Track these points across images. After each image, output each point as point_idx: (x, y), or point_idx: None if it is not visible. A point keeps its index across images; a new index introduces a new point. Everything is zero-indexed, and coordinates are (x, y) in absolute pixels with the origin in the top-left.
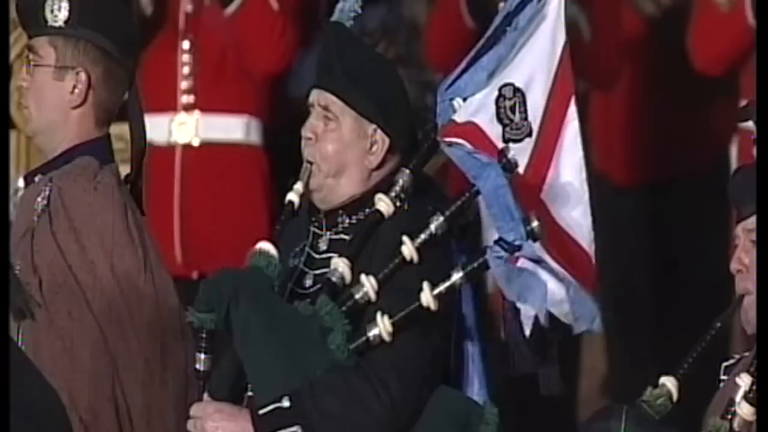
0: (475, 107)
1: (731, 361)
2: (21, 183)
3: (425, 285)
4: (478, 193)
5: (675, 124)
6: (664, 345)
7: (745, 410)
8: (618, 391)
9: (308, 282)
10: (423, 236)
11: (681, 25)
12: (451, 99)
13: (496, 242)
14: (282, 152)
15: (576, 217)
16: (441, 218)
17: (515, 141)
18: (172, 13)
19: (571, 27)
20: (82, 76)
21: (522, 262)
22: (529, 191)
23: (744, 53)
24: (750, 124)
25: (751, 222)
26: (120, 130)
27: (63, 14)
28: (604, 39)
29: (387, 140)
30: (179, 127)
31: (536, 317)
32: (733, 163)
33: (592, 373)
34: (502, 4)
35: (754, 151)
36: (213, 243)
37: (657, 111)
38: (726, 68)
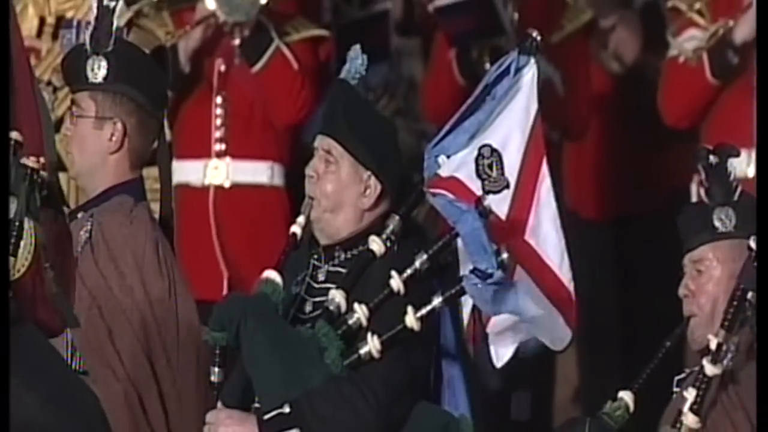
0: (456, 164)
1: (682, 375)
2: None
3: (409, 309)
4: (457, 235)
5: (638, 167)
6: (628, 361)
7: (690, 420)
8: (588, 401)
9: (308, 308)
10: (409, 271)
11: (642, 80)
12: (437, 156)
13: (471, 271)
14: (301, 193)
15: (556, 260)
16: (425, 256)
17: (494, 192)
18: (207, 72)
19: (546, 84)
20: (119, 125)
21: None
22: (514, 233)
23: (707, 106)
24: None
25: (697, 253)
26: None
27: (102, 72)
28: (576, 94)
29: (379, 186)
30: (213, 171)
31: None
32: (692, 201)
33: (565, 383)
34: (487, 65)
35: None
36: (246, 272)
37: (622, 155)
38: (693, 121)
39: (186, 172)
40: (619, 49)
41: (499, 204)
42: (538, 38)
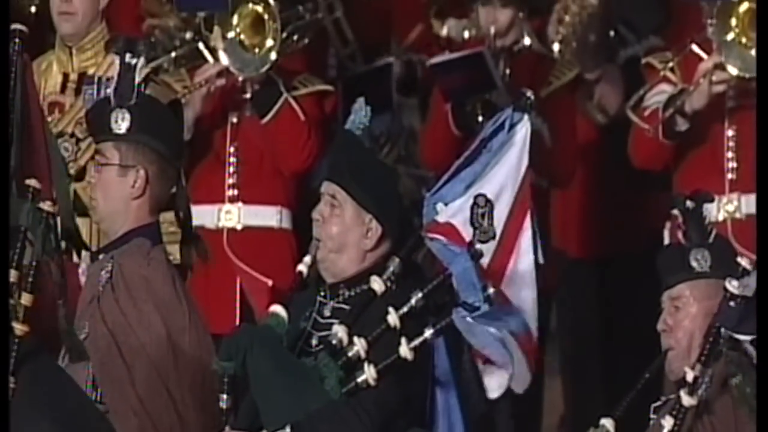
0: (453, 211)
1: (659, 403)
2: (88, 260)
3: (403, 340)
4: (450, 275)
5: (620, 210)
6: (610, 390)
7: None
8: (572, 427)
9: (314, 342)
10: (405, 308)
11: (624, 130)
12: (435, 204)
13: (459, 304)
14: (307, 235)
15: (528, 309)
16: (420, 294)
17: (482, 242)
18: (220, 123)
19: (535, 134)
20: (142, 173)
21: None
22: (495, 277)
23: (666, 160)
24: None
25: (675, 291)
26: (173, 216)
27: (125, 124)
28: (563, 144)
29: (380, 228)
30: (226, 215)
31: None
32: (666, 242)
33: (552, 410)
34: (480, 118)
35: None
36: (258, 307)
37: (605, 199)
38: (658, 165)
39: (201, 215)
40: (603, 101)
41: (485, 254)
42: (532, 97)
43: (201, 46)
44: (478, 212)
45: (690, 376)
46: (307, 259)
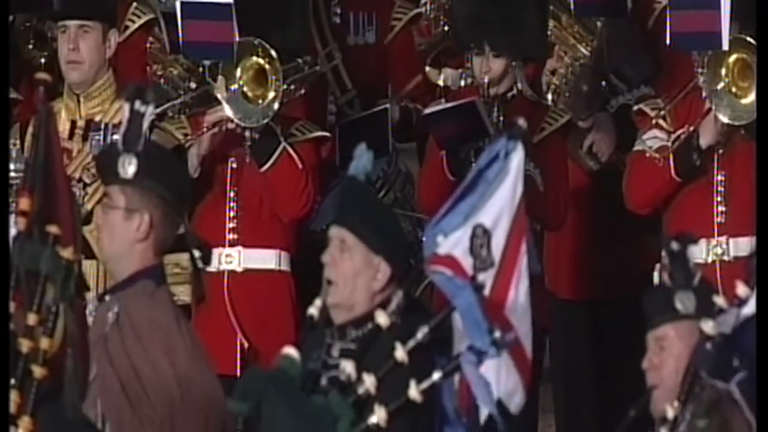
0: (453, 243)
1: None
2: (95, 301)
3: (412, 383)
4: (454, 309)
5: (610, 254)
6: (599, 425)
7: None
8: None
9: (323, 381)
10: (412, 343)
11: (615, 176)
12: (435, 235)
13: (467, 348)
14: (304, 277)
15: (524, 331)
16: (426, 329)
17: (482, 270)
18: (220, 170)
19: (528, 179)
20: (146, 217)
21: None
22: (494, 310)
23: (667, 197)
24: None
25: (660, 331)
26: (176, 258)
27: (132, 169)
28: (555, 189)
29: (389, 270)
30: (226, 258)
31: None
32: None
33: None
34: (473, 164)
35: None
36: (255, 347)
37: (596, 243)
38: (654, 209)
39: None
40: (595, 148)
41: (485, 282)
42: (525, 126)
43: (208, 92)
44: (477, 242)
45: (670, 414)
46: (318, 302)
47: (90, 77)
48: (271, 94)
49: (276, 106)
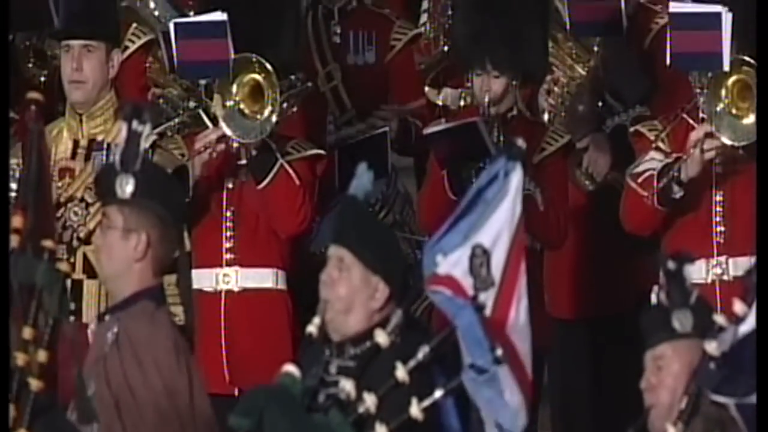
0: (452, 262)
1: None
2: (96, 320)
3: (413, 400)
4: (455, 328)
5: (608, 273)
6: None
7: None
8: None
9: (321, 398)
10: (412, 362)
11: (612, 196)
12: (435, 255)
13: (469, 366)
14: (301, 295)
15: (525, 350)
16: (427, 348)
17: (483, 290)
18: (217, 189)
19: (528, 199)
20: (143, 236)
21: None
22: (496, 329)
23: (663, 222)
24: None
25: (657, 350)
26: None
27: (129, 189)
28: (555, 209)
29: (388, 290)
30: (223, 278)
31: None
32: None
33: None
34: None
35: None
36: (251, 365)
37: (593, 263)
38: (652, 229)
39: (200, 279)
40: (591, 168)
41: (486, 301)
42: (524, 146)
43: (202, 113)
44: (477, 262)
45: None
46: (317, 320)
47: (93, 97)
48: (268, 109)
49: (274, 120)
